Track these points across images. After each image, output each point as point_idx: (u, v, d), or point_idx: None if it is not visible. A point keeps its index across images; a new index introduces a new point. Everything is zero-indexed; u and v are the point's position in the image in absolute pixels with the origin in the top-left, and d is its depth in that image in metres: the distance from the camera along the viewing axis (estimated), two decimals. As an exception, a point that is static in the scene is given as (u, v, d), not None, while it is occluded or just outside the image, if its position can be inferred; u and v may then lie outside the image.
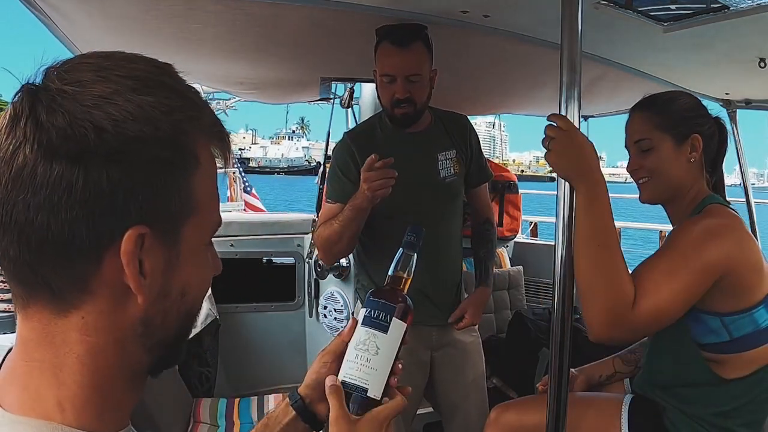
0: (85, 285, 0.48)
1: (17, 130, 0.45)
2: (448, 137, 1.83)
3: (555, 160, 1.11)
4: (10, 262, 0.47)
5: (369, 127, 1.84)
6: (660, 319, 1.16)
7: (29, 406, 0.48)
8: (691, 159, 1.31)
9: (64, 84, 0.46)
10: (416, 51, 1.66)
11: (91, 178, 0.45)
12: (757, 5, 1.47)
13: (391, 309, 0.82)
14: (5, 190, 0.45)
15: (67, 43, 2.06)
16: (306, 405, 0.85)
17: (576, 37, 1.10)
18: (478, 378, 1.93)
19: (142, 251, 0.48)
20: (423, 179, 1.76)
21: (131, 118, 0.46)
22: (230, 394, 2.76)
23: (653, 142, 1.32)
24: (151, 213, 0.48)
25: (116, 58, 0.50)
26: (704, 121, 1.35)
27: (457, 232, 1.87)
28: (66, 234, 0.45)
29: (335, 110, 3.15)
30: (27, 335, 0.50)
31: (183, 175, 0.49)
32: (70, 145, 0.44)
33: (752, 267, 1.19)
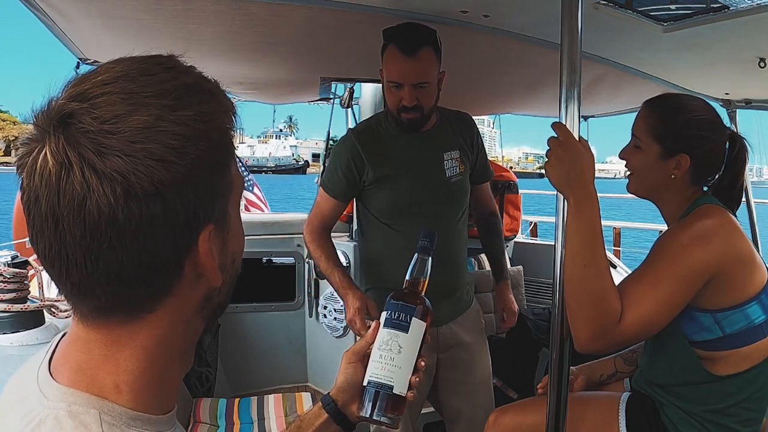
0: (168, 292, 0.51)
1: (75, 182, 0.44)
2: (453, 136, 1.82)
3: (549, 170, 1.13)
4: (94, 298, 0.48)
5: (374, 125, 1.82)
6: (647, 329, 1.17)
7: (83, 384, 0.49)
8: (672, 175, 1.29)
9: (101, 123, 0.45)
10: (425, 59, 1.62)
11: (169, 206, 0.47)
12: (757, 5, 1.47)
13: (411, 310, 0.88)
14: (83, 244, 0.45)
15: (67, 43, 2.06)
16: (338, 408, 0.90)
17: (576, 37, 1.10)
18: (486, 379, 1.92)
19: (210, 242, 0.51)
20: (429, 179, 1.76)
21: (186, 140, 0.47)
22: (230, 394, 2.76)
23: (643, 144, 1.32)
24: (213, 211, 0.51)
25: (134, 76, 0.48)
26: (704, 143, 1.29)
27: (462, 231, 1.86)
28: (155, 260, 0.48)
29: (335, 110, 3.16)
30: (88, 337, 0.51)
31: (227, 166, 0.53)
32: (143, 185, 0.45)
33: (743, 263, 1.18)
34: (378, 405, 0.84)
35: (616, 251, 6.14)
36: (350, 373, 0.90)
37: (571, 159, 1.10)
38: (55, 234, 0.45)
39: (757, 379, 1.19)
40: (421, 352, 0.88)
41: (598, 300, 1.11)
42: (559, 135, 1.12)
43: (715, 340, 1.19)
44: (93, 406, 0.48)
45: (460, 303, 1.88)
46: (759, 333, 1.18)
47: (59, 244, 0.46)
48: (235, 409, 2.33)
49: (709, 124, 1.30)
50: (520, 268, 3.49)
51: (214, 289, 0.54)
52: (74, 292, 0.49)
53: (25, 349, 1.70)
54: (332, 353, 3.05)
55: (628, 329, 1.13)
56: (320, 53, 2.20)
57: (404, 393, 0.85)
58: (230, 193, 0.54)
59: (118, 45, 2.00)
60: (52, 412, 0.47)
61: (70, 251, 0.46)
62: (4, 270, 1.76)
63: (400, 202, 1.74)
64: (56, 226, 0.45)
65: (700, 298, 1.18)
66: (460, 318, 1.86)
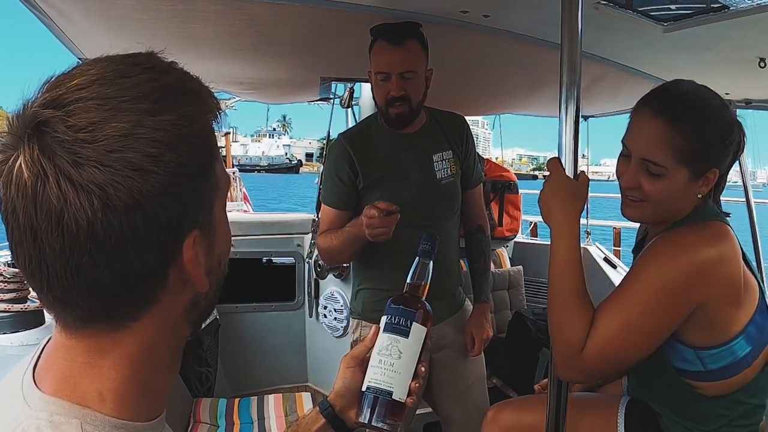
0: (152, 300, 0.49)
1: (50, 195, 0.42)
2: (444, 138, 1.82)
3: (539, 201, 1.17)
4: (77, 309, 0.47)
5: (364, 128, 1.82)
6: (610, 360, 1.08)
7: (66, 393, 0.49)
8: (699, 194, 1.13)
9: (75, 131, 0.43)
10: (411, 48, 1.65)
11: (150, 217, 0.45)
12: (757, 5, 1.47)
13: (411, 314, 0.87)
14: (63, 257, 0.44)
15: (66, 43, 2.06)
16: (336, 413, 0.89)
17: (576, 37, 1.10)
18: (479, 379, 1.92)
19: (195, 248, 0.50)
20: (420, 181, 1.75)
21: (165, 147, 0.45)
22: (230, 394, 2.76)
23: (667, 170, 1.10)
24: (197, 216, 0.50)
25: (110, 79, 0.46)
26: (732, 149, 1.13)
27: (454, 232, 1.86)
28: (137, 270, 0.46)
29: (335, 110, 3.16)
30: (71, 344, 0.50)
31: (212, 167, 0.51)
32: (121, 196, 0.43)
33: (731, 300, 1.07)
34: (377, 411, 0.83)
35: (616, 251, 6.13)
36: (349, 378, 0.89)
37: (552, 192, 1.13)
38: (35, 246, 0.44)
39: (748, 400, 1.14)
40: (422, 358, 0.87)
41: (562, 329, 1.10)
42: (549, 169, 1.15)
43: (697, 372, 1.12)
44: (75, 415, 0.47)
45: (453, 304, 1.88)
46: (744, 364, 1.10)
47: (39, 257, 0.44)
48: (235, 409, 2.33)
49: (733, 124, 1.13)
50: (520, 268, 3.49)
51: (200, 294, 0.53)
52: (56, 303, 0.47)
53: (25, 349, 1.69)
54: (332, 353, 3.05)
55: (591, 357, 1.07)
56: (320, 53, 2.20)
57: (404, 399, 0.84)
58: (215, 194, 0.52)
59: (118, 45, 1.99)
60: (34, 422, 0.46)
61: (50, 264, 0.44)
62: (4, 270, 1.76)
63: None
64: (35, 238, 0.44)
65: (682, 331, 1.10)
66: (452, 318, 1.86)
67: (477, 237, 1.97)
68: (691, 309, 1.05)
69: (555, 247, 1.13)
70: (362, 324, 1.85)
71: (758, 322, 1.10)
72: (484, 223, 1.98)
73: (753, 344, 1.09)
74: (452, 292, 1.88)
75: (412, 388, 0.85)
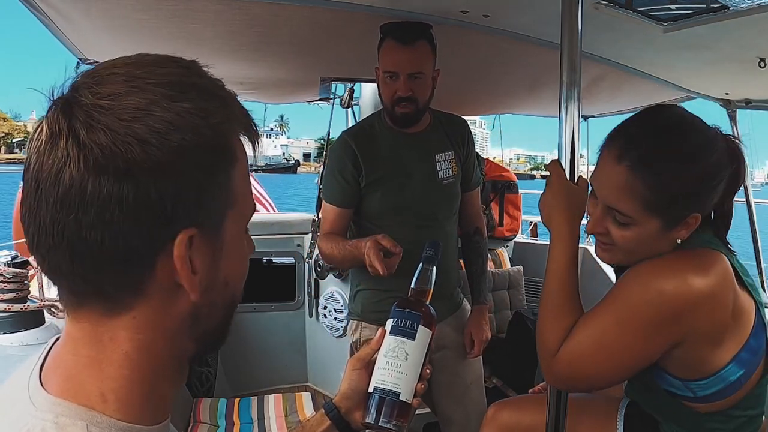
0: (139, 288, 0.49)
1: (58, 150, 0.45)
2: (446, 139, 1.82)
3: (539, 204, 1.16)
4: (62, 276, 0.48)
5: (368, 126, 1.82)
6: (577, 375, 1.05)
7: (71, 394, 0.49)
8: (679, 240, 1.03)
9: (98, 98, 0.45)
10: (420, 49, 1.65)
11: (141, 192, 0.45)
12: (757, 5, 1.47)
13: (417, 318, 0.89)
14: (54, 210, 0.45)
15: (66, 43, 2.06)
16: (341, 414, 0.89)
17: (576, 37, 1.10)
18: (477, 380, 1.92)
19: (192, 251, 0.49)
20: (422, 180, 1.76)
21: (173, 128, 0.46)
22: (230, 394, 2.76)
23: (634, 220, 1.01)
24: (198, 214, 0.49)
25: (145, 64, 0.49)
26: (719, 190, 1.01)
27: (453, 232, 1.87)
28: (120, 246, 0.46)
29: (335, 110, 3.16)
30: (75, 334, 0.51)
31: (224, 173, 0.51)
32: (117, 162, 0.44)
33: (706, 341, 1.00)
34: (384, 411, 0.84)
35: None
36: (355, 380, 0.90)
37: (553, 197, 1.13)
38: (35, 198, 0.46)
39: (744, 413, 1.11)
40: (426, 360, 0.89)
41: (542, 328, 1.11)
42: (550, 172, 1.15)
43: (688, 397, 1.08)
44: (81, 417, 0.47)
45: (451, 303, 1.89)
46: (736, 386, 1.04)
47: (36, 209, 0.46)
48: (235, 409, 2.33)
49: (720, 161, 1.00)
50: (520, 268, 3.49)
51: (200, 306, 0.52)
52: (44, 265, 0.48)
53: (25, 349, 1.70)
54: (332, 353, 3.05)
55: (562, 365, 1.05)
56: (320, 53, 2.20)
57: (410, 400, 0.85)
58: (229, 208, 0.52)
59: (118, 45, 2.00)
60: (39, 423, 0.47)
61: (43, 217, 0.46)
62: (4, 270, 1.76)
63: (392, 204, 1.74)
64: (36, 188, 0.46)
65: (665, 364, 1.05)
66: (450, 318, 1.86)
67: (475, 239, 1.97)
68: (668, 342, 0.99)
69: (554, 249, 1.13)
70: (362, 325, 1.85)
71: (752, 345, 1.04)
72: (481, 225, 1.99)
73: (746, 367, 1.04)
74: (451, 293, 1.89)
75: (417, 390, 0.86)
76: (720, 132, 1.04)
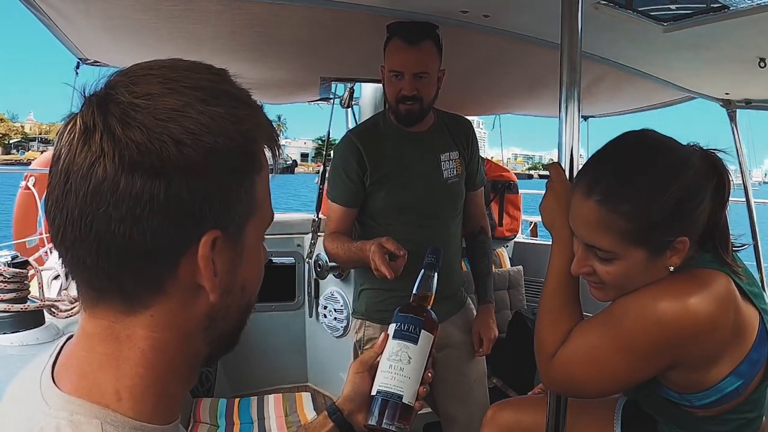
0: (160, 287, 0.50)
1: (92, 144, 0.45)
2: (451, 138, 1.83)
3: (540, 206, 1.16)
4: (85, 270, 0.48)
5: (372, 126, 1.83)
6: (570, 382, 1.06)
7: (85, 391, 0.49)
8: (670, 267, 0.98)
9: (134, 97, 0.46)
10: (426, 50, 1.66)
11: (172, 190, 0.46)
12: (757, 5, 1.47)
13: (420, 322, 0.91)
14: (83, 203, 0.46)
15: (66, 43, 2.06)
16: (344, 417, 0.91)
17: (576, 37, 1.10)
18: (481, 378, 1.93)
19: (215, 252, 0.50)
20: (426, 179, 1.76)
21: (206, 130, 0.47)
22: (230, 394, 2.76)
23: (616, 254, 0.97)
24: (223, 217, 0.50)
25: (180, 68, 0.50)
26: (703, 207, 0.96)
27: (457, 232, 1.87)
28: (147, 243, 0.47)
29: (335, 110, 3.16)
30: (91, 330, 0.51)
31: (249, 178, 0.52)
32: (151, 160, 0.45)
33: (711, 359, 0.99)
34: (387, 414, 0.85)
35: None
36: (358, 383, 0.91)
37: (556, 201, 1.13)
38: (63, 189, 0.46)
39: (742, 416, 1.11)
40: (428, 364, 0.90)
41: (541, 329, 1.12)
42: (551, 175, 1.14)
43: (684, 405, 1.09)
44: (95, 416, 0.48)
45: (455, 303, 1.89)
46: (734, 395, 1.03)
47: (63, 200, 0.47)
48: (235, 409, 2.33)
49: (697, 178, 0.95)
50: (520, 268, 3.49)
51: (217, 309, 0.53)
52: (67, 258, 0.49)
53: (25, 349, 1.69)
54: (332, 353, 3.05)
55: (555, 368, 1.06)
56: (320, 53, 2.20)
57: (413, 403, 0.87)
58: (252, 214, 0.53)
59: (118, 45, 2.00)
60: (53, 421, 0.47)
61: (71, 208, 0.46)
62: (4, 270, 1.76)
63: (396, 203, 1.75)
64: (66, 181, 0.46)
65: (661, 378, 1.05)
66: (454, 317, 1.87)
67: (480, 238, 1.97)
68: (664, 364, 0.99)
69: (555, 252, 1.13)
70: (366, 324, 1.85)
71: (753, 358, 1.02)
72: (485, 224, 1.99)
73: (744, 378, 1.02)
74: (454, 292, 1.89)
75: (420, 393, 0.88)
76: (696, 148, 1.00)
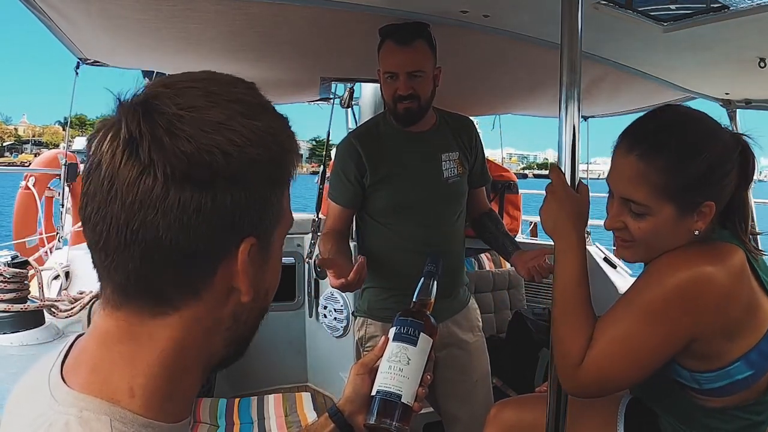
0: (195, 291, 0.51)
1: (140, 153, 0.46)
2: (452, 138, 1.83)
3: (541, 215, 1.15)
4: (123, 274, 0.49)
5: (373, 127, 1.84)
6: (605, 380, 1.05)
7: (96, 388, 0.49)
8: (696, 231, 1.04)
9: (179, 108, 0.47)
10: (418, 49, 1.67)
11: (218, 200, 0.48)
12: (757, 5, 1.47)
13: (419, 325, 0.93)
14: (130, 211, 0.46)
15: (66, 43, 2.06)
16: (345, 418, 0.92)
17: (576, 37, 1.10)
18: (484, 378, 1.93)
19: (250, 258, 0.52)
20: (426, 179, 1.76)
21: (249, 143, 0.49)
22: (230, 394, 2.76)
23: (649, 209, 1.04)
24: (258, 225, 0.52)
25: (220, 82, 0.52)
26: (729, 179, 1.04)
27: (459, 232, 1.87)
28: (191, 249, 0.48)
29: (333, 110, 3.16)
30: (109, 329, 0.51)
31: (281, 188, 0.55)
32: (201, 170, 0.47)
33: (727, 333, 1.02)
34: (386, 413, 0.87)
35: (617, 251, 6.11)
36: (358, 385, 0.93)
37: (558, 206, 1.12)
38: (107, 198, 0.47)
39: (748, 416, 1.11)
40: (427, 367, 0.92)
41: (563, 340, 1.10)
42: (553, 180, 1.14)
43: (694, 388, 1.10)
44: (104, 412, 0.48)
45: (458, 302, 1.89)
46: (742, 385, 1.05)
47: (107, 207, 0.47)
48: (235, 409, 2.33)
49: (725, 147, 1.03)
50: (520, 268, 3.48)
51: (243, 308, 0.54)
52: (106, 262, 0.49)
53: (25, 349, 1.70)
54: (332, 353, 3.05)
55: (588, 373, 1.04)
56: (320, 53, 2.20)
57: (411, 403, 0.88)
58: (278, 223, 0.55)
59: (118, 45, 2.00)
60: (62, 417, 0.47)
61: (116, 215, 0.47)
62: (4, 270, 1.76)
63: (398, 203, 1.75)
64: (110, 188, 0.47)
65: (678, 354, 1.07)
66: (457, 316, 1.87)
67: (490, 214, 1.98)
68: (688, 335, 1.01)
69: (562, 261, 1.12)
70: (368, 322, 1.85)
71: (763, 349, 1.04)
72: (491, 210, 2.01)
73: (754, 369, 1.05)
74: (457, 291, 1.89)
75: (419, 394, 0.89)
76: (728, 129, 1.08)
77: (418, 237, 1.72)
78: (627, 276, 3.21)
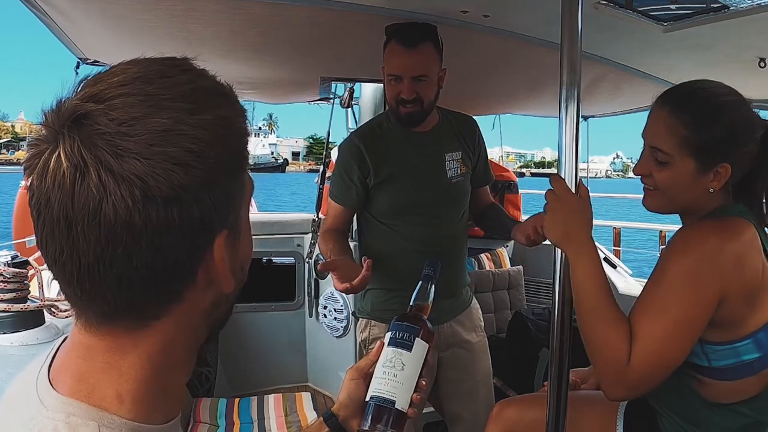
0: (178, 298, 0.50)
1: (91, 184, 0.42)
2: (455, 138, 1.82)
3: (546, 226, 1.15)
4: (105, 303, 0.47)
5: (376, 126, 1.83)
6: (662, 363, 1.06)
7: (84, 394, 0.49)
8: (711, 189, 1.13)
9: (117, 124, 0.43)
10: (424, 52, 1.64)
11: (186, 211, 0.46)
12: (757, 5, 1.47)
13: (414, 330, 0.91)
14: (97, 247, 0.44)
15: (66, 43, 2.06)
16: (339, 422, 0.91)
17: (576, 37, 1.10)
18: (486, 378, 1.93)
19: (225, 249, 0.51)
20: (429, 179, 1.76)
21: (205, 144, 0.46)
22: (230, 394, 2.76)
23: (672, 159, 1.13)
24: (228, 216, 0.51)
25: (151, 78, 0.47)
26: (746, 149, 1.13)
27: (462, 232, 1.87)
28: (169, 265, 0.47)
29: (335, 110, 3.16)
30: (90, 344, 0.50)
31: (243, 168, 0.52)
32: (161, 188, 0.44)
33: (745, 297, 1.06)
34: (379, 419, 0.86)
35: (616, 251, 6.12)
36: (353, 389, 0.92)
37: (566, 215, 1.12)
38: (68, 237, 0.44)
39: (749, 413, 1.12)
40: (423, 373, 0.90)
41: (603, 346, 1.08)
42: (555, 188, 1.13)
43: (702, 367, 1.12)
44: (92, 417, 0.47)
45: (460, 302, 1.89)
46: (749, 369, 1.09)
47: (71, 248, 0.44)
48: (235, 409, 2.33)
49: (749, 120, 1.14)
50: (520, 268, 3.49)
51: (223, 295, 0.54)
52: (83, 297, 0.47)
53: (25, 349, 1.70)
54: (332, 353, 3.05)
55: (640, 368, 1.04)
56: (320, 53, 2.20)
57: (405, 409, 0.87)
58: (243, 197, 0.53)
59: (118, 45, 2.00)
60: (51, 423, 0.47)
61: (83, 255, 0.44)
62: (4, 270, 1.76)
63: (401, 203, 1.75)
64: (69, 229, 0.43)
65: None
66: (460, 316, 1.87)
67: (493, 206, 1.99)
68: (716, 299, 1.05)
69: (580, 267, 1.10)
70: (371, 323, 1.85)
71: None
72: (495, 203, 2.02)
73: (763, 351, 1.07)
74: (460, 291, 1.89)
75: (413, 400, 0.88)
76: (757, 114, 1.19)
77: (421, 237, 1.72)
78: (627, 276, 3.21)
